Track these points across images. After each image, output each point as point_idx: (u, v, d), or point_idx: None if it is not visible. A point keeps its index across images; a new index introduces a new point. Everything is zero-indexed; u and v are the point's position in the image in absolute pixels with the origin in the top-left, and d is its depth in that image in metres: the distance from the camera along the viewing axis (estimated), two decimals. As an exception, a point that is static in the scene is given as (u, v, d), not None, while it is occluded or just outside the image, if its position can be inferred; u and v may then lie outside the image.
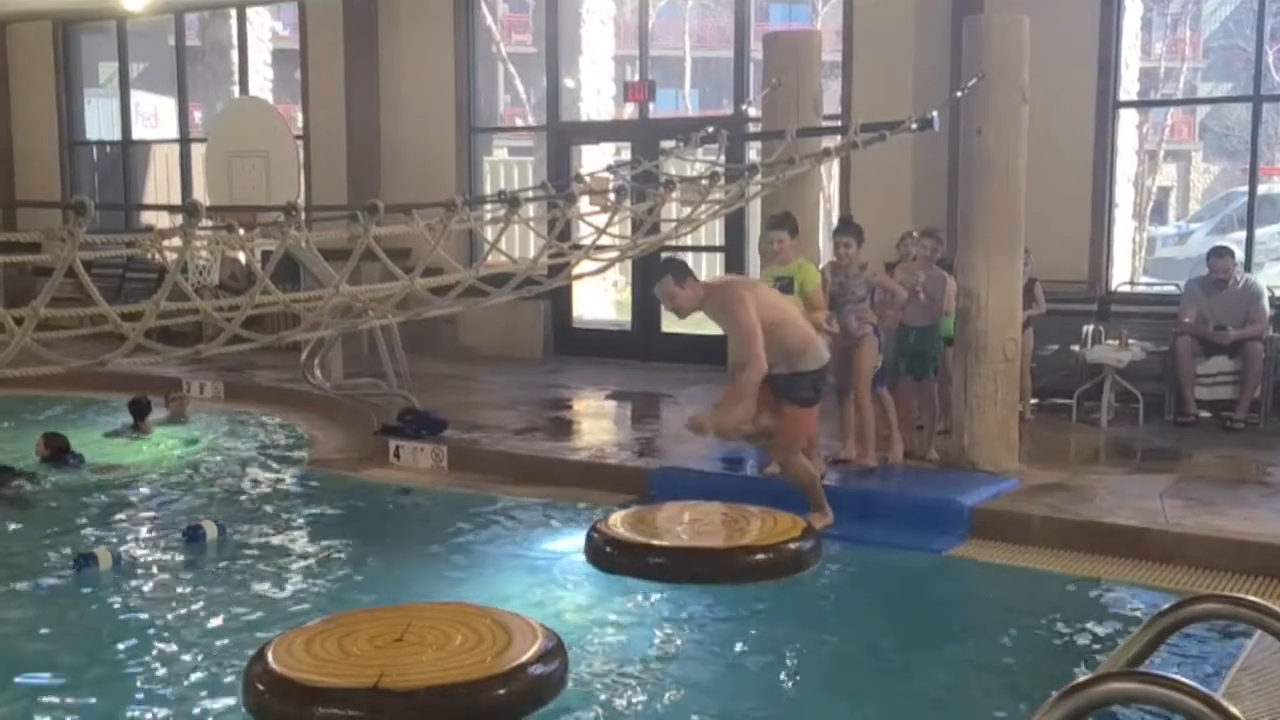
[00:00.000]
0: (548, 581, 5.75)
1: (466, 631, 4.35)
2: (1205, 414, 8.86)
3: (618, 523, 5.79)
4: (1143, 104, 12.90)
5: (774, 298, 6.19)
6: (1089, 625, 5.22)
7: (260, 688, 4.08)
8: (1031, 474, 7.16)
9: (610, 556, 5.57)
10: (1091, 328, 9.29)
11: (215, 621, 5.25)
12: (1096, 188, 10.03)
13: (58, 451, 8.05)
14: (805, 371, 6.00)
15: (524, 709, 4.07)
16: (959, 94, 7.25)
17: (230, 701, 4.31)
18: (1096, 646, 4.93)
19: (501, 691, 4.04)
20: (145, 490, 7.59)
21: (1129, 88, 10.55)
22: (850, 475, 7.12)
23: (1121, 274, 10.65)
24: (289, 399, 10.24)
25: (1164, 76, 20.76)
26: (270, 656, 4.17)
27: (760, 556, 5.46)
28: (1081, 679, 1.71)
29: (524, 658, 4.13)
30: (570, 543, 6.15)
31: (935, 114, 7.33)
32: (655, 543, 5.60)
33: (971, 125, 7.18)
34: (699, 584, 5.45)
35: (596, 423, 9.68)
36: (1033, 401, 9.04)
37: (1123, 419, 8.84)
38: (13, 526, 6.75)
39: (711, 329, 12.68)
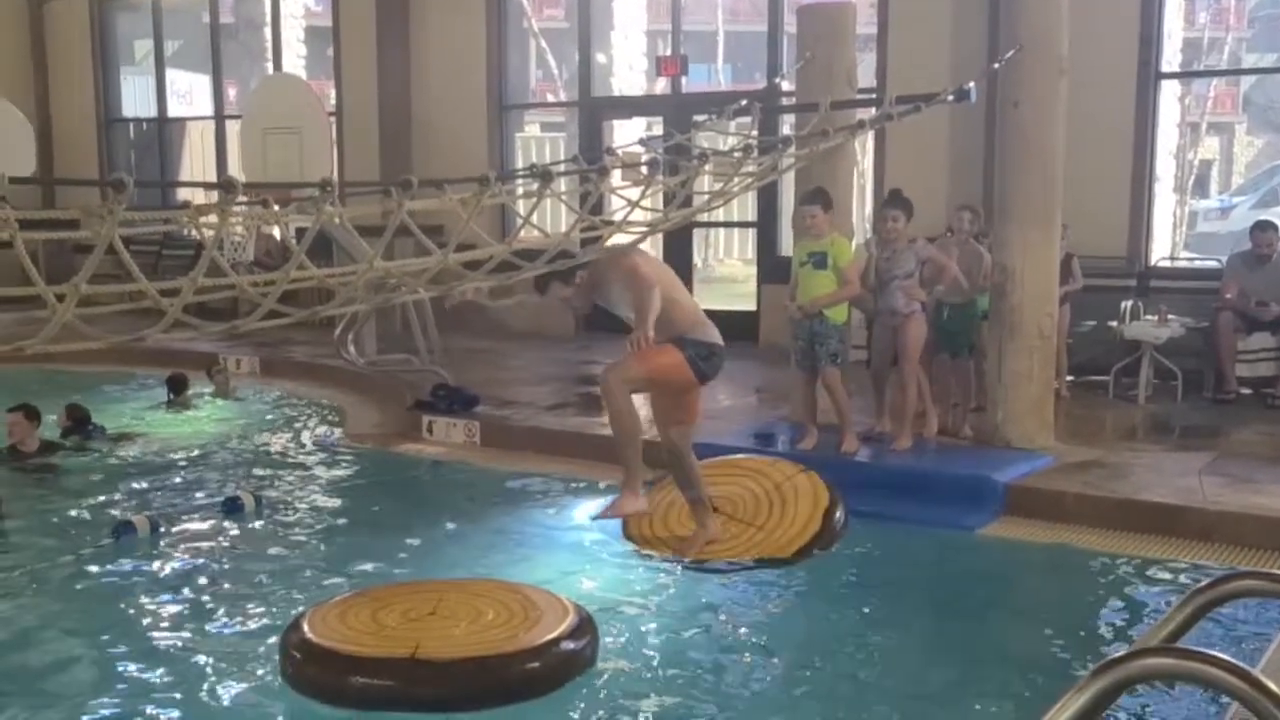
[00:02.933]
0: (578, 557, 5.77)
1: (498, 606, 4.38)
2: (1246, 391, 8.75)
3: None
4: (1185, 75, 12.67)
5: (667, 272, 5.61)
6: (1124, 602, 5.19)
7: (297, 656, 4.13)
8: (1067, 451, 7.11)
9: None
10: (1130, 303, 9.18)
11: (251, 591, 5.31)
12: (1137, 161, 9.89)
13: (79, 422, 8.15)
14: (700, 339, 5.37)
15: (555, 683, 4.10)
16: (996, 66, 7.16)
17: (266, 670, 4.37)
18: (1132, 623, 4.90)
19: (534, 665, 4.08)
20: (182, 463, 7.68)
21: (1171, 59, 10.37)
22: (883, 452, 7.09)
23: (1161, 249, 10.51)
24: (323, 374, 10.31)
25: (1207, 47, 20.38)
26: (306, 626, 4.22)
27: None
28: (1117, 654, 1.69)
29: (555, 633, 4.16)
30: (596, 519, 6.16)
31: (972, 86, 7.24)
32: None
33: (1008, 98, 7.09)
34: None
35: (629, 398, 9.67)
36: (1069, 378, 8.96)
37: (1161, 396, 8.75)
38: (53, 496, 6.85)
39: (744, 303, 12.66)
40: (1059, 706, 1.80)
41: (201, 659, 4.56)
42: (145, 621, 4.99)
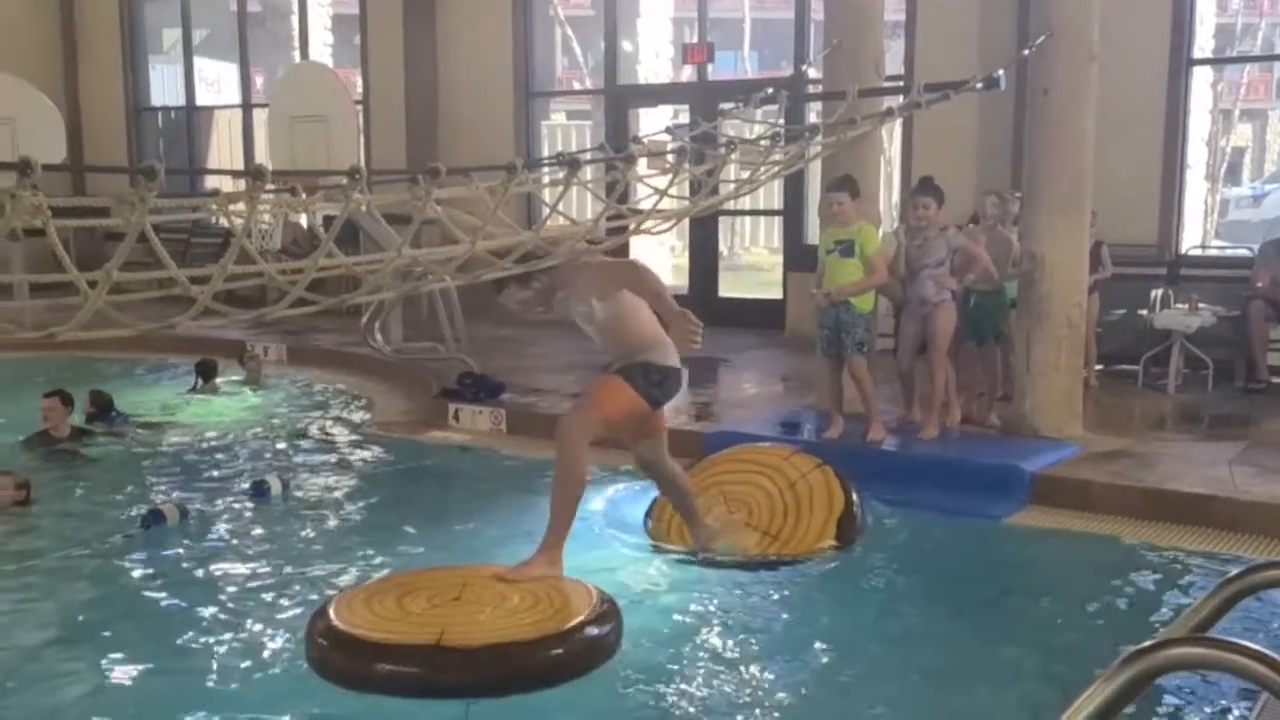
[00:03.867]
0: (603, 545, 5.78)
1: (523, 592, 4.39)
2: (1277, 380, 8.67)
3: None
4: (1218, 61, 12.53)
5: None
6: (1153, 591, 5.16)
7: (323, 643, 4.16)
8: (1095, 440, 7.06)
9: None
10: (1160, 292, 9.11)
11: (279, 576, 5.36)
12: (1168, 148, 9.80)
13: (102, 409, 8.21)
14: (655, 362, 4.91)
15: (579, 670, 4.11)
16: (1026, 52, 7.10)
17: (292, 656, 4.40)
18: (1160, 613, 4.87)
19: (558, 652, 4.09)
20: (211, 448, 7.75)
21: (1203, 44, 10.26)
22: (910, 440, 7.06)
23: (1192, 237, 10.41)
24: (350, 362, 10.37)
25: (1240, 32, 20.12)
26: (332, 613, 4.25)
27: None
28: (1145, 644, 1.68)
29: (579, 619, 4.17)
30: (625, 507, 6.18)
31: (1001, 73, 7.18)
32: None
33: (1038, 85, 7.04)
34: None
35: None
36: (1097, 367, 8.90)
37: (1191, 385, 8.68)
38: (83, 482, 6.92)
39: (770, 291, 12.62)
40: (1087, 696, 1.79)
41: (228, 644, 4.60)
42: (173, 607, 5.04)
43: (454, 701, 4.01)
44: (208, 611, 4.98)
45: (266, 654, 4.51)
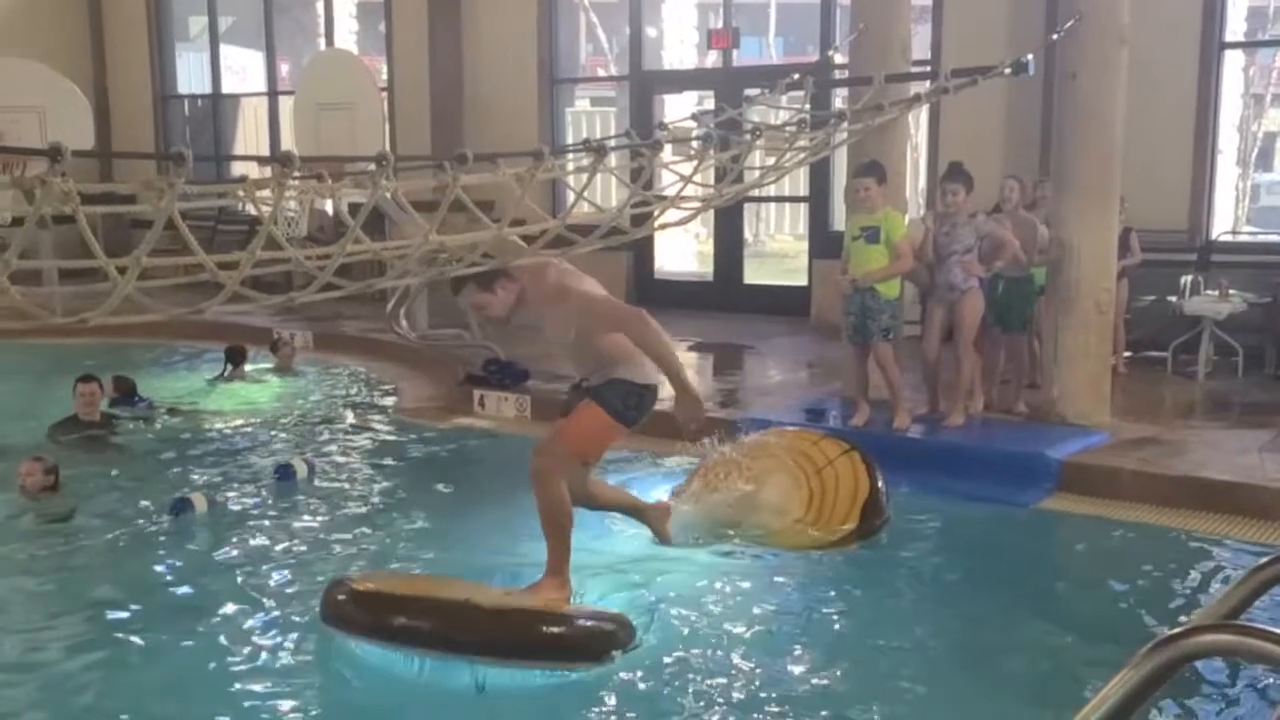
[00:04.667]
0: (627, 532, 5.78)
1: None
2: (1309, 367, 8.59)
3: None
4: (1250, 45, 12.37)
5: (595, 283, 4.85)
6: (1181, 579, 5.13)
7: (342, 598, 4.24)
8: (1123, 428, 7.01)
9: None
10: (1190, 278, 9.03)
11: (303, 560, 5.40)
12: (1199, 133, 9.70)
13: (125, 394, 8.27)
14: (629, 380, 4.67)
15: (603, 649, 4.15)
16: (1055, 36, 7.04)
17: (317, 638, 4.44)
18: (1189, 601, 4.85)
19: (587, 624, 4.16)
20: (238, 434, 7.80)
21: (1235, 28, 10.14)
22: (936, 428, 7.03)
23: (1223, 223, 10.30)
24: (376, 348, 10.41)
25: (1273, 16, 19.86)
26: (357, 580, 4.38)
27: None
28: (1174, 630, 1.67)
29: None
30: (651, 494, 6.17)
31: (1030, 58, 7.12)
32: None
33: (1067, 69, 6.98)
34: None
35: (679, 373, 9.66)
36: (1126, 354, 8.84)
37: (1221, 372, 8.61)
38: (112, 468, 6.98)
39: (796, 278, 12.59)
40: (1115, 682, 1.77)
41: (252, 627, 4.65)
42: (199, 591, 5.09)
43: (468, 688, 4.04)
44: (232, 595, 5.02)
45: (292, 636, 4.54)
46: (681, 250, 14.49)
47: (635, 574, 5.12)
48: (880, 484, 5.70)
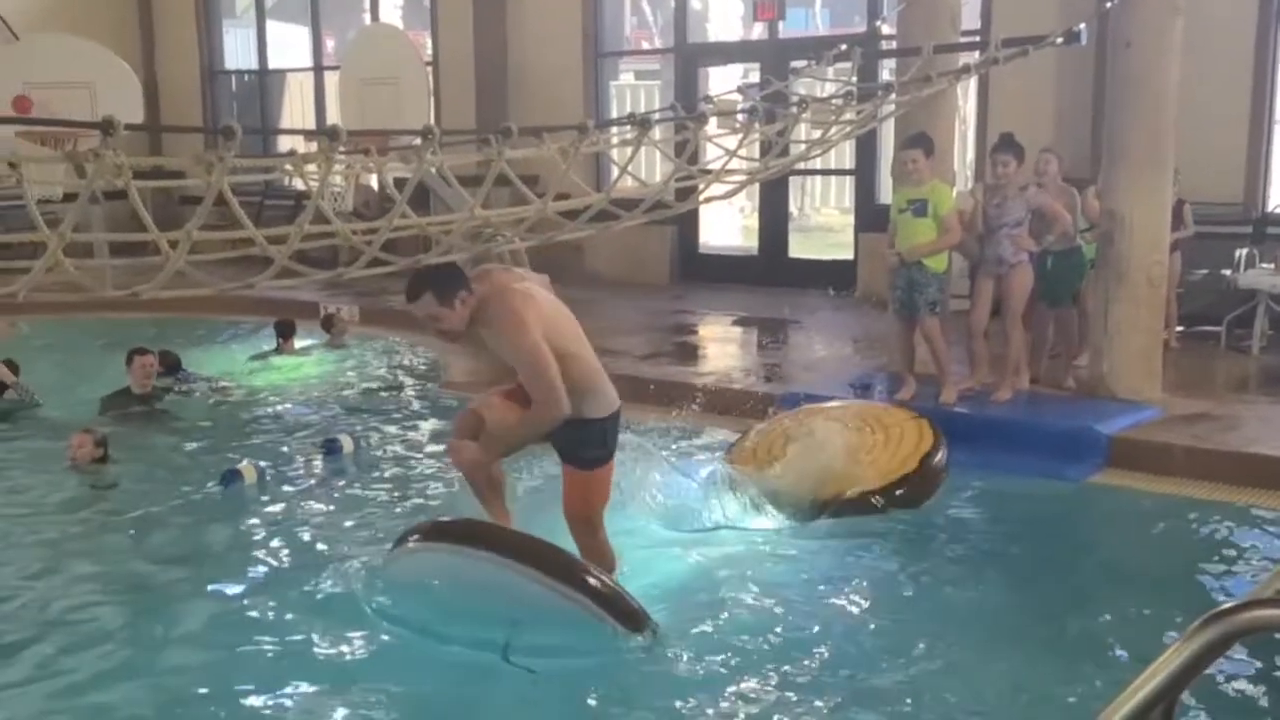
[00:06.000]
0: (674, 505, 5.79)
1: None
2: (1365, 342, 8.42)
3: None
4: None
5: (562, 317, 4.55)
6: (1234, 556, 5.06)
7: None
8: (1175, 403, 6.91)
9: None
10: (1245, 251, 8.85)
11: (348, 533, 5.47)
12: (1255, 104, 9.49)
13: (170, 368, 8.37)
14: (594, 419, 4.45)
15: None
16: (1108, 5, 6.90)
17: (362, 609, 4.49)
18: (1243, 578, 4.79)
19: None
20: (286, 408, 7.89)
21: (1293, -5, 9.90)
22: (983, 403, 6.97)
23: None
24: (421, 323, 10.43)
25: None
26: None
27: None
28: (1227, 605, 1.64)
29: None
30: (697, 465, 6.18)
31: (1083, 27, 7.00)
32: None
33: (1120, 38, 6.84)
34: None
35: (722, 348, 9.66)
36: (1179, 328, 8.70)
37: (1276, 347, 8.46)
38: (163, 442, 7.09)
39: (840, 252, 12.51)
40: (1166, 656, 1.75)
41: (299, 596, 4.72)
42: (247, 561, 5.18)
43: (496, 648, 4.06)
44: (280, 565, 5.10)
45: (337, 606, 4.60)
46: (726, 224, 14.43)
47: (667, 538, 5.19)
48: (943, 444, 5.86)
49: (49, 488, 6.23)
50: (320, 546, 5.30)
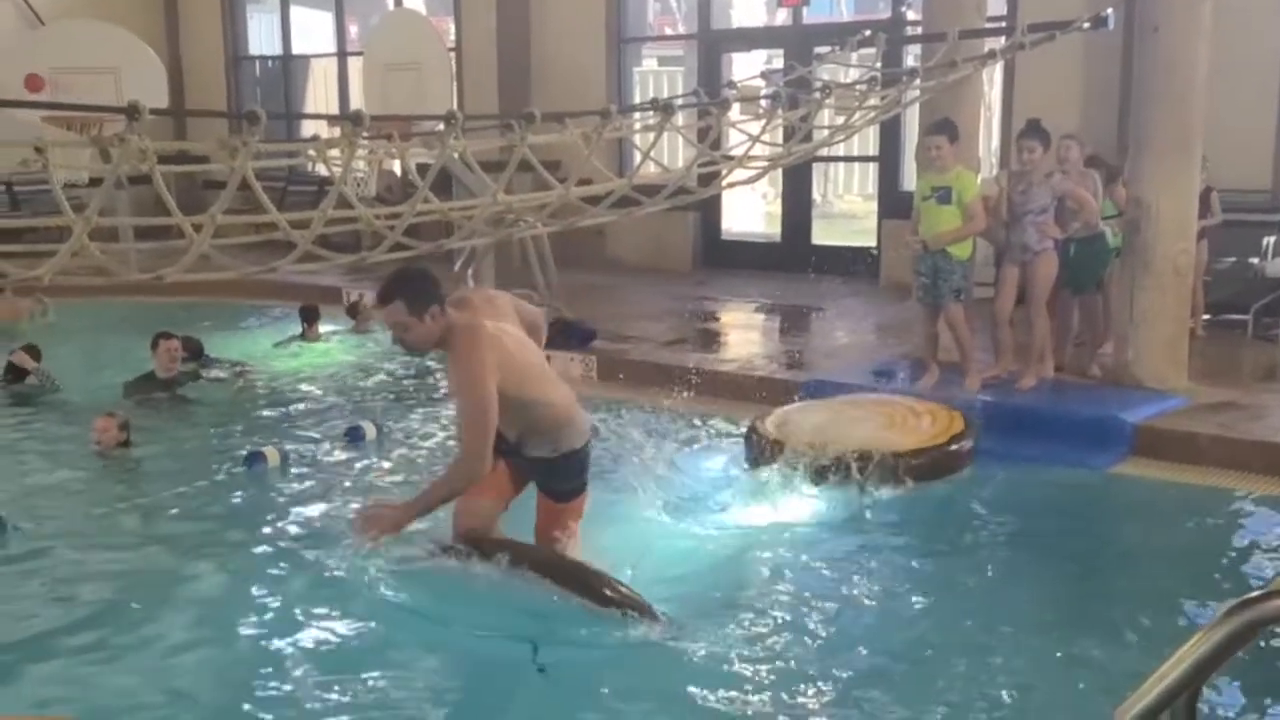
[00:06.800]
0: (697, 490, 5.80)
1: None
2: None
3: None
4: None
5: (531, 365, 4.32)
6: (1260, 546, 5.03)
7: None
8: (1201, 392, 6.86)
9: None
10: (1273, 239, 8.77)
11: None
12: (1285, 90, 9.38)
13: (193, 353, 8.39)
14: (571, 451, 4.34)
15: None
16: (1135, -11, 6.83)
17: (383, 594, 4.51)
18: (1267, 567, 4.75)
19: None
20: (309, 394, 7.92)
21: (1325, -21, 9.76)
22: (1008, 390, 6.93)
23: (1308, 183, 9.98)
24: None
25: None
26: None
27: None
28: (1252, 594, 1.63)
29: None
30: (719, 452, 6.18)
31: (1110, 11, 6.95)
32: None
33: (1148, 22, 6.77)
34: None
35: (745, 334, 9.64)
36: (1205, 317, 8.62)
37: (1304, 336, 8.37)
38: (187, 426, 7.14)
39: (864, 239, 12.44)
40: (1190, 645, 1.74)
41: (321, 580, 4.74)
42: (270, 544, 5.21)
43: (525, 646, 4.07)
44: (302, 548, 5.12)
45: (359, 590, 4.62)
46: (749, 210, 14.38)
47: (689, 524, 5.18)
48: (975, 431, 6.09)
49: (72, 471, 6.29)
50: (341, 531, 5.32)
